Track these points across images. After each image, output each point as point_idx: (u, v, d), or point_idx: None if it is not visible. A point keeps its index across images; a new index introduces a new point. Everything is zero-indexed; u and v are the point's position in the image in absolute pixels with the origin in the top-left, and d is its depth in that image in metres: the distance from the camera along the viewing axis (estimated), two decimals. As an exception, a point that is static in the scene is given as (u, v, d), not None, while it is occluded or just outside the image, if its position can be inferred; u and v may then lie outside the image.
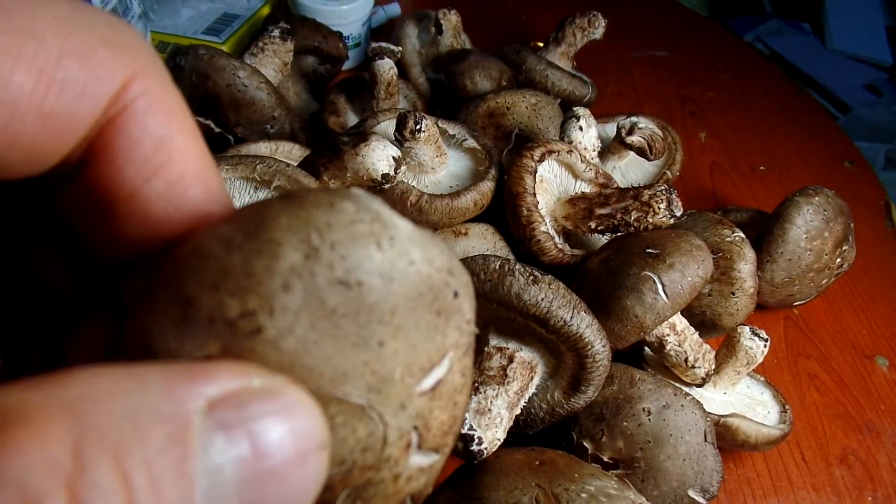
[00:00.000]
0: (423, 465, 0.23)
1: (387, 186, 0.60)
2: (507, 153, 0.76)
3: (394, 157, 0.59)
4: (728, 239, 0.65)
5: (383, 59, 0.79)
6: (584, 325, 0.51)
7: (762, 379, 0.67)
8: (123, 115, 0.21)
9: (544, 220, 0.64)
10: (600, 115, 0.86)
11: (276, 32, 0.79)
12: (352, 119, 0.85)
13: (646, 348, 0.65)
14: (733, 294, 0.64)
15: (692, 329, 0.61)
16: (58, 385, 0.15)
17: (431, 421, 0.22)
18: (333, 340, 0.19)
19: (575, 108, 0.74)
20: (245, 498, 0.17)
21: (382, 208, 0.21)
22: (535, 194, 0.64)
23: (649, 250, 0.57)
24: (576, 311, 0.51)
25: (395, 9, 1.12)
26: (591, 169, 0.69)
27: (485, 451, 0.48)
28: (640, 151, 0.72)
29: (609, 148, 0.80)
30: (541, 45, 0.98)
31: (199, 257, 0.19)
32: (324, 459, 0.19)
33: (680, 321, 0.60)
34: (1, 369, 0.25)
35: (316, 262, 0.19)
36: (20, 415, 0.14)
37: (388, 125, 0.71)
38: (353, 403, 0.20)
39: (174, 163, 0.22)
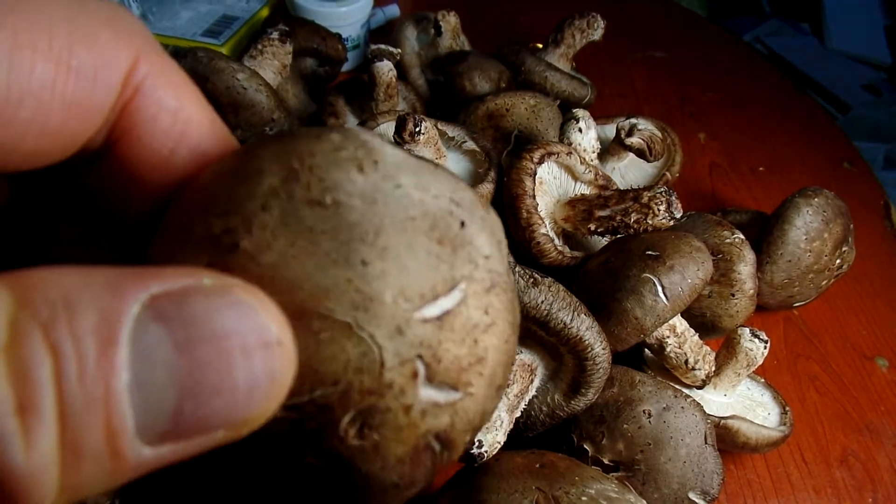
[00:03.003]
0: (438, 400, 0.22)
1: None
2: (506, 155, 0.76)
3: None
4: (728, 240, 0.65)
5: (382, 60, 0.79)
6: (584, 327, 0.51)
7: (762, 380, 0.67)
8: (138, 95, 0.22)
9: (544, 222, 0.64)
10: (599, 117, 0.86)
11: (275, 34, 0.78)
12: (351, 121, 0.85)
13: (646, 350, 0.64)
14: (733, 296, 0.64)
15: (692, 331, 0.61)
16: (18, 274, 0.16)
17: (441, 352, 0.21)
18: (313, 257, 0.20)
19: (574, 110, 0.74)
20: (181, 385, 0.17)
21: (373, 138, 0.21)
22: (534, 196, 0.64)
23: (649, 252, 0.57)
24: (576, 313, 0.51)
25: (394, 10, 1.12)
26: (590, 170, 0.69)
27: (485, 454, 0.48)
28: (640, 153, 0.72)
29: (608, 149, 0.80)
30: (540, 46, 0.98)
31: (197, 189, 0.22)
32: (276, 357, 0.18)
33: (680, 323, 0.60)
34: None
35: (294, 184, 0.20)
36: None
37: (388, 127, 0.71)
38: (339, 320, 0.20)
39: (191, 129, 0.24)
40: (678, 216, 0.62)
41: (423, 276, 0.21)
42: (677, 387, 0.56)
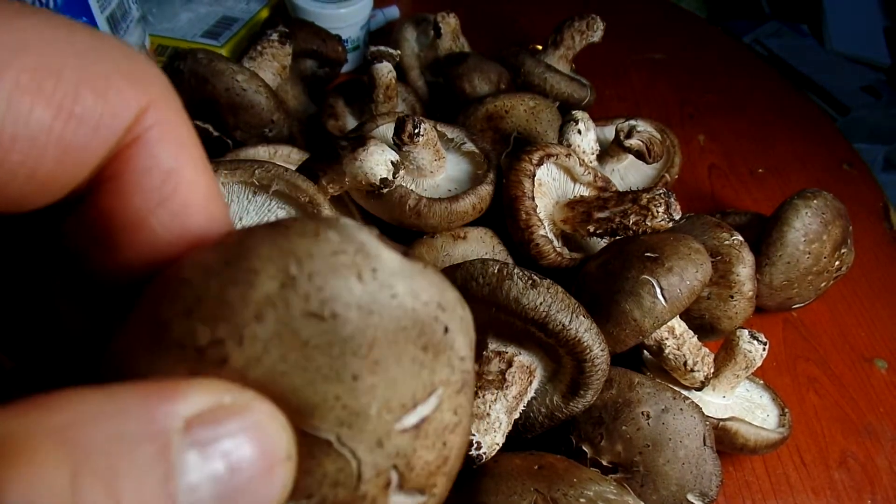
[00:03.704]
0: None
1: (385, 191, 0.60)
2: (505, 156, 0.76)
3: (392, 162, 0.59)
4: (727, 242, 0.65)
5: (382, 62, 0.79)
6: (583, 329, 0.51)
7: (761, 382, 0.67)
8: (135, 145, 0.21)
9: (543, 224, 0.64)
10: (599, 118, 0.86)
11: (275, 36, 0.79)
12: (350, 122, 0.85)
13: (645, 352, 0.65)
14: (732, 297, 0.64)
15: (691, 332, 0.61)
16: (48, 410, 0.16)
17: (415, 460, 0.22)
18: (303, 373, 0.19)
19: (573, 112, 0.74)
20: None
21: (369, 239, 0.20)
22: (533, 198, 0.64)
23: (648, 254, 0.57)
24: (574, 315, 0.51)
25: (393, 12, 1.13)
26: (589, 172, 0.69)
27: (484, 456, 0.48)
28: (639, 154, 0.72)
29: (608, 151, 0.80)
30: (539, 47, 0.98)
31: (178, 282, 0.20)
32: (289, 469, 0.20)
33: (679, 325, 0.60)
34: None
35: (291, 293, 0.19)
36: (19, 443, 0.15)
37: (387, 129, 0.71)
38: (321, 438, 0.20)
39: (180, 194, 0.22)
40: (677, 218, 0.62)
41: (407, 386, 0.21)
42: (676, 388, 0.56)
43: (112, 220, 0.22)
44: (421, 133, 0.64)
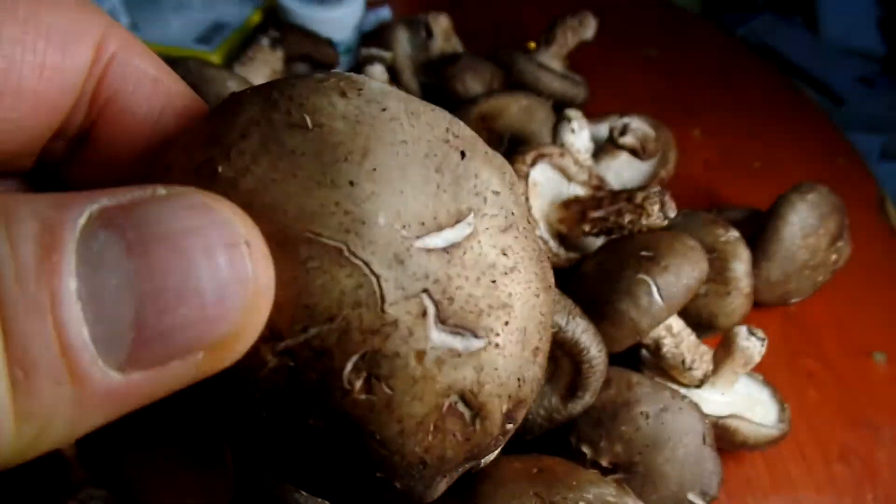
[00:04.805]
0: (455, 346, 0.19)
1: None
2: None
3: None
4: (722, 238, 0.65)
5: (374, 64, 0.79)
6: (580, 330, 0.51)
7: (760, 378, 0.67)
8: (113, 65, 0.21)
9: (538, 225, 0.64)
10: (593, 116, 0.85)
11: (266, 41, 0.78)
12: (344, 126, 0.85)
13: (643, 351, 0.64)
14: (729, 294, 0.64)
15: (689, 330, 0.61)
16: None
17: (453, 290, 0.19)
18: (295, 179, 0.19)
19: (567, 111, 0.74)
20: (137, 290, 0.15)
21: (361, 76, 0.21)
22: (528, 199, 0.64)
23: (643, 253, 0.57)
24: (571, 316, 0.51)
25: (385, 13, 1.12)
26: (584, 171, 0.69)
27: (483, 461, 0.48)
28: (633, 152, 0.72)
29: (603, 149, 0.80)
30: (533, 46, 0.98)
31: (180, 134, 0.21)
32: (244, 258, 0.16)
33: (676, 323, 0.60)
34: None
35: (272, 110, 0.20)
36: None
37: (380, 132, 0.71)
38: (328, 244, 0.18)
39: (175, 94, 0.23)
40: (672, 216, 0.62)
41: (421, 203, 0.19)
42: (675, 387, 0.56)
43: (123, 141, 0.22)
44: (414, 136, 0.64)
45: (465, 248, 0.20)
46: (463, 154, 0.21)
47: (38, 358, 0.13)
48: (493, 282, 0.20)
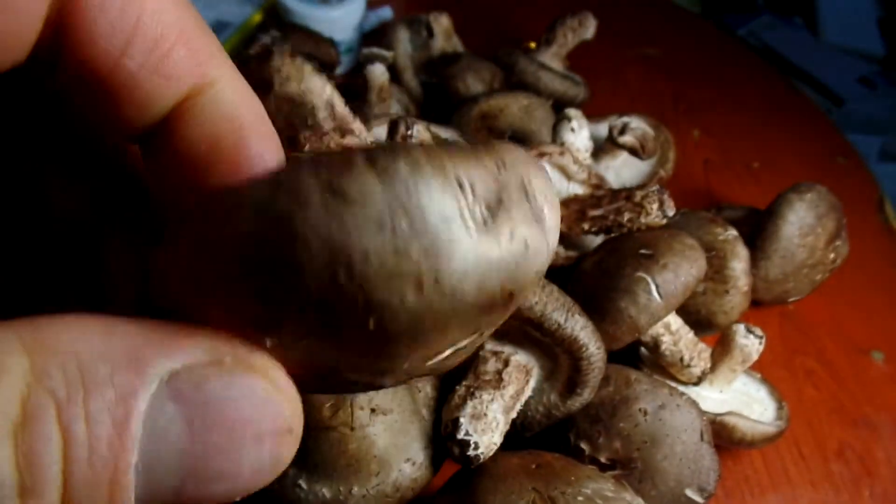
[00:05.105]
0: None
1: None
2: (500, 156, 0.76)
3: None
4: (721, 237, 0.66)
5: (375, 64, 0.79)
6: (579, 327, 0.51)
7: (758, 376, 0.68)
8: None
9: (538, 223, 0.64)
10: (593, 115, 0.86)
11: (267, 41, 0.79)
12: (345, 125, 0.85)
13: (641, 348, 0.65)
14: (727, 292, 0.65)
15: (687, 328, 0.61)
16: (34, 328, 0.15)
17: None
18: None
19: (566, 110, 0.74)
20: (188, 468, 0.16)
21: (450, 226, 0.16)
22: (528, 197, 0.65)
23: (642, 251, 0.57)
24: (570, 313, 0.51)
25: (386, 13, 1.13)
26: (583, 170, 0.70)
27: (481, 456, 0.48)
28: (633, 151, 0.73)
29: (602, 148, 0.80)
30: (533, 45, 0.98)
31: (228, 225, 0.17)
32: (285, 445, 0.18)
33: (675, 321, 0.61)
34: None
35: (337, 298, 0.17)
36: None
37: (381, 131, 0.71)
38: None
39: (146, 25, 0.19)
40: (671, 214, 0.63)
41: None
42: (673, 384, 0.57)
43: (87, 70, 0.19)
44: (414, 135, 0.64)
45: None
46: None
47: None
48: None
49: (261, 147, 0.22)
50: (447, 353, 0.19)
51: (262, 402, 0.17)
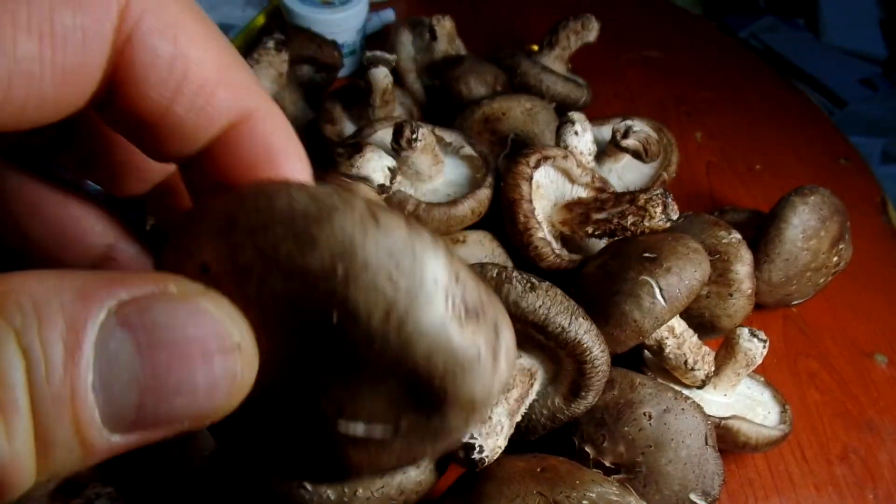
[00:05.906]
0: None
1: (383, 196, 0.61)
2: (503, 158, 0.76)
3: (389, 168, 0.59)
4: (725, 241, 0.66)
5: (378, 67, 0.79)
6: (583, 330, 0.51)
7: (762, 379, 0.68)
8: (130, 44, 0.21)
9: (541, 226, 0.65)
10: (596, 118, 0.86)
11: (271, 44, 0.79)
12: (348, 127, 0.85)
13: (645, 351, 0.65)
14: (731, 295, 0.65)
15: (691, 331, 0.61)
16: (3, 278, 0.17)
17: None
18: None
19: (570, 113, 0.74)
20: (142, 385, 0.18)
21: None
22: (531, 201, 0.65)
23: (646, 255, 0.57)
24: (574, 317, 0.51)
25: (389, 15, 1.13)
26: (587, 173, 0.70)
27: (486, 460, 0.48)
28: (636, 154, 0.73)
29: (605, 151, 0.80)
30: (536, 48, 0.98)
31: (213, 203, 0.21)
32: (236, 360, 0.19)
33: (678, 324, 0.61)
34: None
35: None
36: None
37: (385, 134, 0.71)
38: None
39: (192, 76, 0.22)
40: (674, 218, 0.63)
41: None
42: (677, 388, 0.57)
43: (139, 115, 0.22)
44: (419, 138, 0.64)
45: None
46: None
47: (59, 436, 0.17)
48: None
49: (293, 171, 0.24)
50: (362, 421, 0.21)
51: (204, 323, 0.19)
